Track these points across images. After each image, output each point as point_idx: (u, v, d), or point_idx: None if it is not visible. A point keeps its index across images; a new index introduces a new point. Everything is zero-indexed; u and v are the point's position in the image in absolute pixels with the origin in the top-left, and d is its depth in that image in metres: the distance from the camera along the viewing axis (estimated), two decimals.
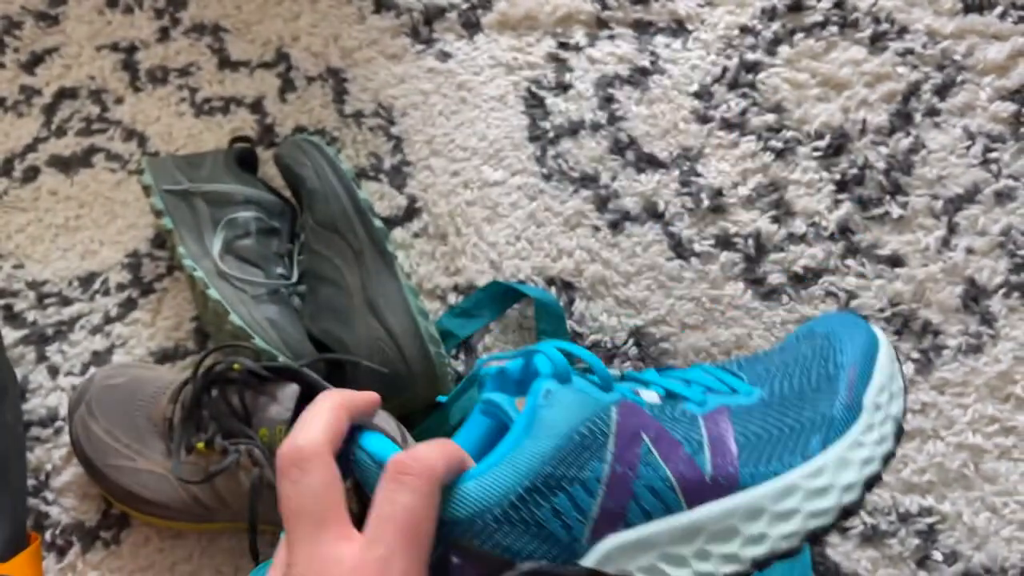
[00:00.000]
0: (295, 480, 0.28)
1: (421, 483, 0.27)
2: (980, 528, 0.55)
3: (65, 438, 0.59)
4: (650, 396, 0.36)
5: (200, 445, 0.51)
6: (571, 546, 0.32)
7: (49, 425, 0.60)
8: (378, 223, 0.58)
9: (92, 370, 0.60)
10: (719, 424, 0.35)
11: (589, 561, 0.32)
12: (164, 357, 0.62)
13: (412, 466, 0.27)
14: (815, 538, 0.34)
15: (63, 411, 0.60)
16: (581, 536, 0.32)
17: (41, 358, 0.62)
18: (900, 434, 0.38)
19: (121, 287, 0.64)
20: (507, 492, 0.30)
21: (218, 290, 0.54)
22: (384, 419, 0.49)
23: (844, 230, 0.64)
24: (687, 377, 0.38)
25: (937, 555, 0.54)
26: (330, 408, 0.30)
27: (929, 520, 0.56)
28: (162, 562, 0.55)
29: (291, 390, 0.50)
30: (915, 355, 0.61)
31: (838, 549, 0.55)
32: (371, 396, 0.33)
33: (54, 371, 0.62)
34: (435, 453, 0.28)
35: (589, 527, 0.32)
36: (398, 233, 0.66)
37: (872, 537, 0.55)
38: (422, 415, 0.58)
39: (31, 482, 0.58)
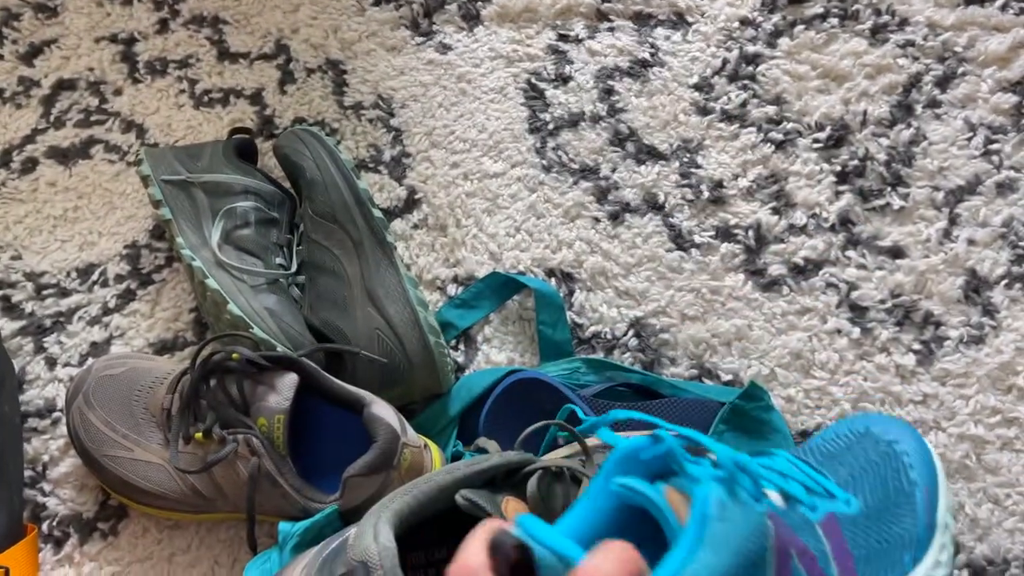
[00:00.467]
0: None
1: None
2: (982, 519, 0.55)
3: (62, 429, 0.59)
4: (776, 498, 0.36)
5: (198, 435, 0.50)
6: None
7: (47, 416, 0.59)
8: (378, 213, 0.58)
9: (90, 361, 0.60)
10: (832, 534, 0.37)
11: None
12: (163, 348, 0.61)
13: None
14: None
15: (60, 402, 0.60)
16: None
17: (39, 349, 0.62)
18: (958, 551, 0.41)
19: (120, 278, 0.64)
20: None
21: (216, 280, 0.54)
22: (383, 408, 0.49)
23: (845, 221, 0.64)
24: (780, 469, 0.39)
25: None
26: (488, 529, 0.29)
27: None
28: (160, 553, 0.55)
29: (290, 380, 0.50)
30: (916, 346, 0.60)
31: None
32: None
33: (52, 362, 0.61)
34: (617, 570, 0.26)
35: None
36: (398, 224, 0.65)
37: None
38: (421, 405, 0.58)
39: (28, 473, 0.57)
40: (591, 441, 0.45)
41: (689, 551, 0.29)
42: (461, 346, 0.62)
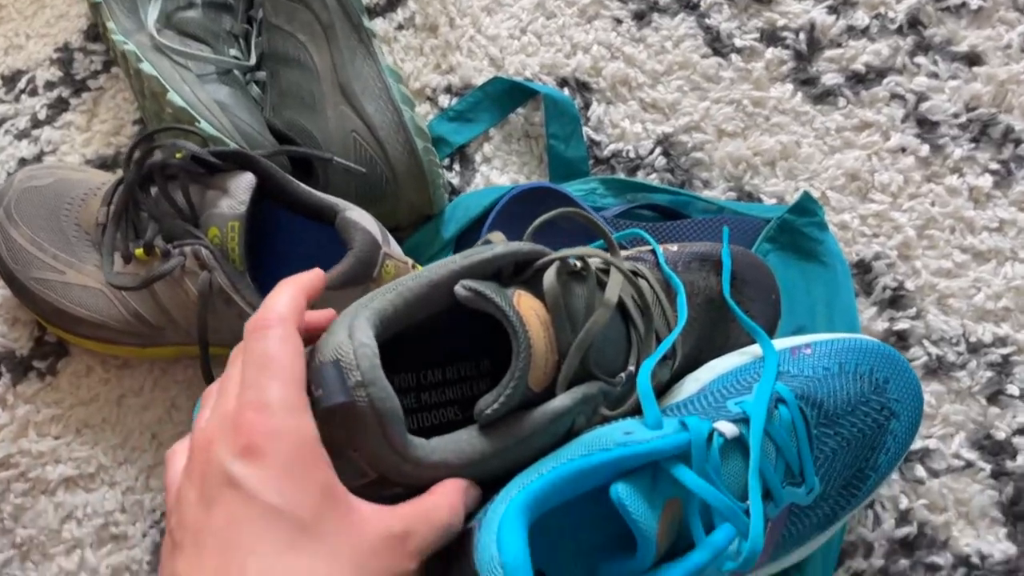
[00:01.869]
0: (258, 338, 0.28)
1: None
2: None
3: None
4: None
5: (139, 252, 0.42)
6: None
7: None
8: None
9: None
10: (777, 527, 0.34)
11: None
12: (103, 166, 0.52)
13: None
14: None
15: None
16: None
17: None
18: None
19: (50, 85, 0.54)
20: None
21: (153, 65, 0.44)
22: (360, 214, 0.40)
23: (914, 23, 0.54)
24: (779, 441, 0.34)
25: (1012, 389, 0.47)
26: (288, 288, 0.30)
27: (1004, 351, 0.47)
28: (108, 395, 0.47)
29: (245, 180, 0.40)
30: (993, 166, 0.51)
31: None
32: (317, 273, 0.32)
33: None
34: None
35: None
36: (379, 25, 0.55)
37: (937, 369, 0.47)
38: (409, 231, 0.49)
39: None
40: None
41: None
42: (456, 166, 0.53)
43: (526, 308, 0.29)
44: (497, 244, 0.31)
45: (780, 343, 0.37)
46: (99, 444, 0.46)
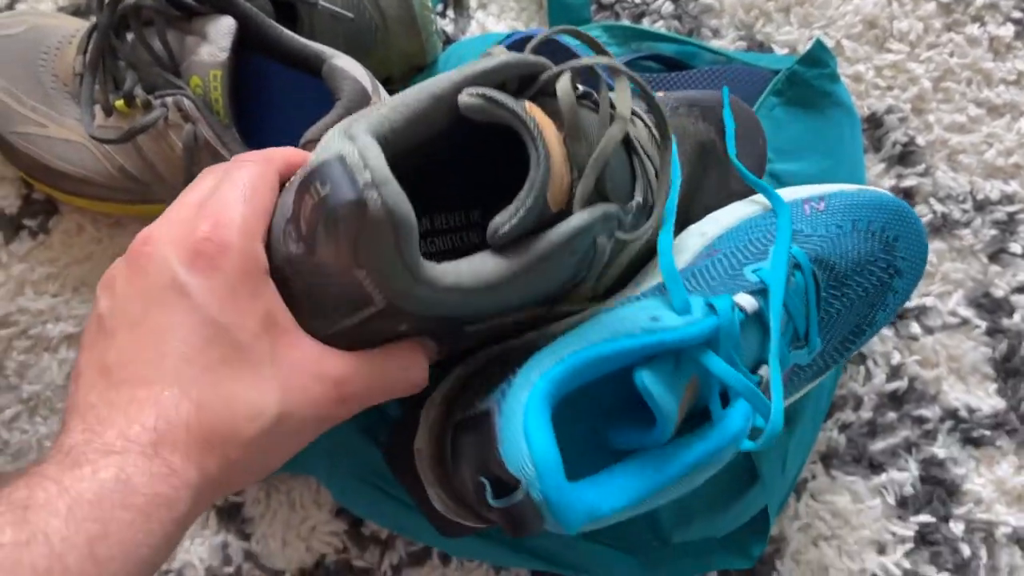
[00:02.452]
0: (240, 167, 0.28)
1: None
2: None
3: None
4: (764, 373, 0.32)
5: (119, 103, 0.40)
6: None
7: None
8: None
9: None
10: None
11: None
12: (76, 12, 0.49)
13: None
14: None
15: None
16: None
17: None
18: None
19: None
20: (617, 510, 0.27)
21: None
22: (349, 62, 0.38)
23: None
24: (792, 311, 0.33)
25: (1015, 247, 0.46)
26: (250, 178, 0.28)
27: (1010, 208, 0.47)
28: (101, 253, 0.47)
29: (225, 24, 0.38)
30: (1016, 15, 0.48)
31: None
32: (293, 153, 0.30)
33: None
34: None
35: None
36: None
37: (941, 227, 0.46)
38: (400, 82, 0.47)
39: None
40: None
41: (661, 475, 0.28)
42: (449, 12, 0.50)
43: (540, 118, 0.27)
44: (500, 54, 0.29)
45: (791, 193, 0.36)
46: None
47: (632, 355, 0.28)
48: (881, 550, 0.44)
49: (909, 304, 0.46)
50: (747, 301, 0.31)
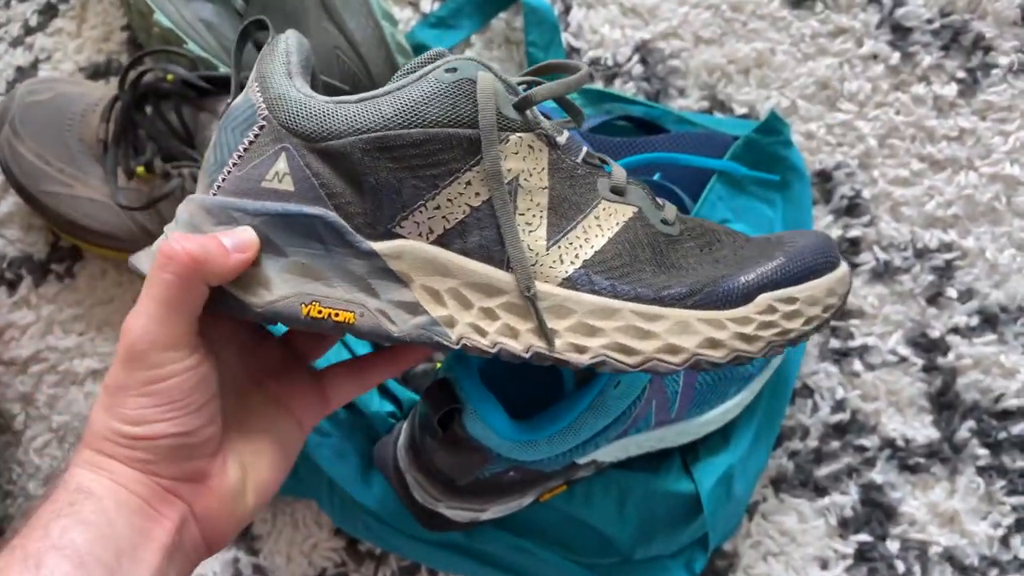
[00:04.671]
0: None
1: (179, 267, 0.29)
2: (1002, 265, 0.51)
3: None
4: None
5: (140, 169, 0.45)
6: None
7: None
8: None
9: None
10: (689, 378, 0.41)
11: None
12: (95, 73, 0.54)
13: (175, 252, 0.29)
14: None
15: None
16: None
17: None
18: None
19: None
20: (561, 455, 0.38)
21: None
22: None
23: None
24: None
25: (951, 292, 0.51)
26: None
27: (948, 256, 0.51)
28: (122, 296, 0.52)
29: None
30: (960, 75, 0.53)
31: None
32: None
33: None
34: (195, 244, 0.29)
35: None
36: None
37: (883, 273, 0.51)
38: None
39: None
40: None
41: (580, 414, 0.36)
42: None
43: None
44: None
45: None
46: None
47: None
48: (824, 565, 0.49)
49: (852, 343, 0.51)
50: None
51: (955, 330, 0.51)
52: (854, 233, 0.51)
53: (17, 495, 0.51)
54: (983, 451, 0.49)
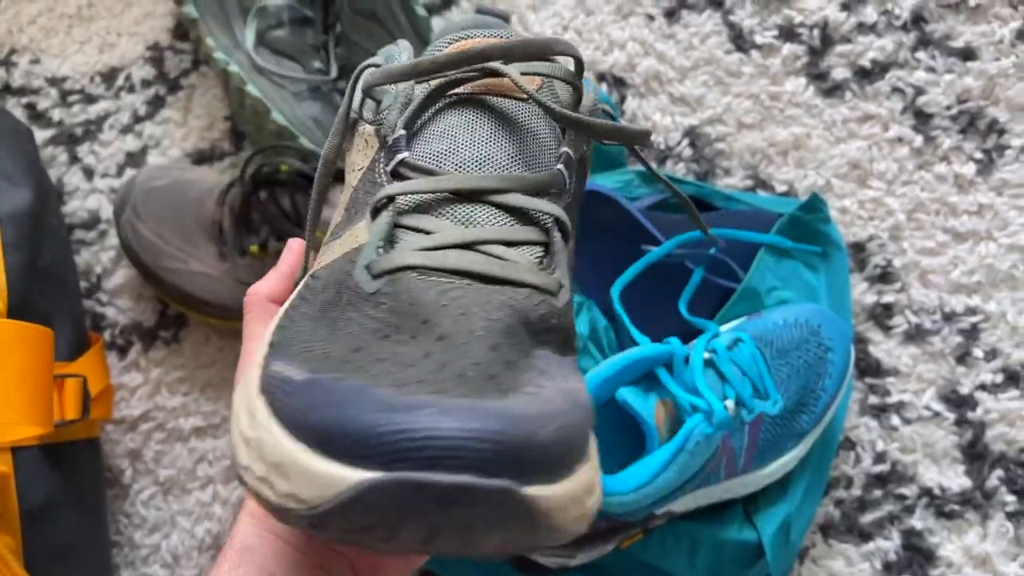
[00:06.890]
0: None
1: (253, 314, 0.35)
2: (1022, 327, 0.56)
3: (111, 240, 0.58)
4: (730, 407, 0.43)
5: (254, 248, 0.50)
6: None
7: (92, 228, 0.59)
8: (421, 11, 0.53)
9: (128, 172, 0.59)
10: (753, 431, 0.45)
11: None
12: (201, 158, 0.59)
13: (249, 302, 0.35)
14: None
15: (104, 213, 0.59)
16: None
17: (73, 159, 0.60)
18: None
19: (146, 83, 0.61)
20: (641, 504, 0.42)
21: (257, 86, 0.51)
22: None
23: (917, 19, 0.60)
24: (743, 366, 0.45)
25: (977, 352, 0.56)
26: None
27: (973, 319, 0.56)
28: (224, 360, 0.57)
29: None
30: (977, 155, 0.59)
31: (880, 346, 0.56)
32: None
33: (89, 173, 0.60)
34: (266, 287, 0.35)
35: None
36: (437, 24, 0.61)
37: (915, 335, 0.56)
38: None
39: (83, 284, 0.58)
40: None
41: (661, 467, 0.40)
42: None
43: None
44: None
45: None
46: (222, 399, 0.56)
47: (616, 377, 0.41)
48: None
49: (890, 400, 0.56)
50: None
51: (982, 387, 0.56)
52: (888, 299, 0.57)
53: (123, 545, 0.56)
54: (1011, 497, 0.54)
